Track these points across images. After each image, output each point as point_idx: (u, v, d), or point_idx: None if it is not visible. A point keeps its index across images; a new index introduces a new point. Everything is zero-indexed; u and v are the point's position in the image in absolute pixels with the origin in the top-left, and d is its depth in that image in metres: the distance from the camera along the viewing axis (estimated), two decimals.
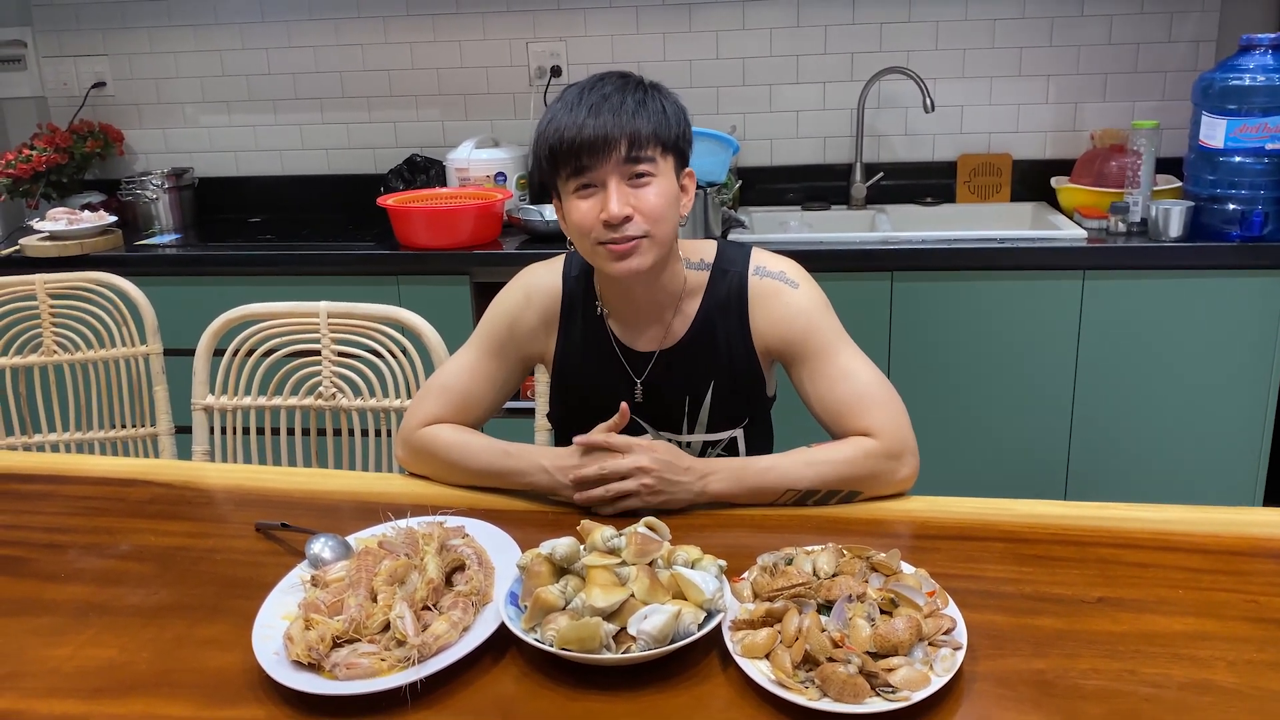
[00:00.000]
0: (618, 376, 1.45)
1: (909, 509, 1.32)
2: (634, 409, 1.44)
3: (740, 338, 1.41)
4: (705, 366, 1.42)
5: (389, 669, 0.99)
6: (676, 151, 1.33)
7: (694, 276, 1.42)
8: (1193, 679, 0.96)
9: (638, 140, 1.27)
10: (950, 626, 1.00)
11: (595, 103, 1.27)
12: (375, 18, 3.09)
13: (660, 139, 1.29)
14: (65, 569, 1.25)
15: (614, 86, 1.29)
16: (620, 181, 1.28)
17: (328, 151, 3.24)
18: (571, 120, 1.26)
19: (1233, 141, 2.38)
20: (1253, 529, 1.23)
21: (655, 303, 1.41)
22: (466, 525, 1.24)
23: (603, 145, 1.26)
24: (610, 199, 1.27)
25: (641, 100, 1.29)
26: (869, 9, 2.91)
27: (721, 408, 1.44)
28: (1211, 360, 2.44)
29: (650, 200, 1.29)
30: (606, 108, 1.26)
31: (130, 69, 3.24)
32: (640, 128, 1.27)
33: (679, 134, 1.32)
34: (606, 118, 1.26)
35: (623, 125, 1.26)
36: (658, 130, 1.28)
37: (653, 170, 1.29)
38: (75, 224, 2.74)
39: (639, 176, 1.29)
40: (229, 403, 1.86)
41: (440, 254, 2.60)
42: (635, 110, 1.27)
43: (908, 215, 2.95)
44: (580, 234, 1.32)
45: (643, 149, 1.27)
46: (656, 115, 1.29)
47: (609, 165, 1.27)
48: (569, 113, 1.27)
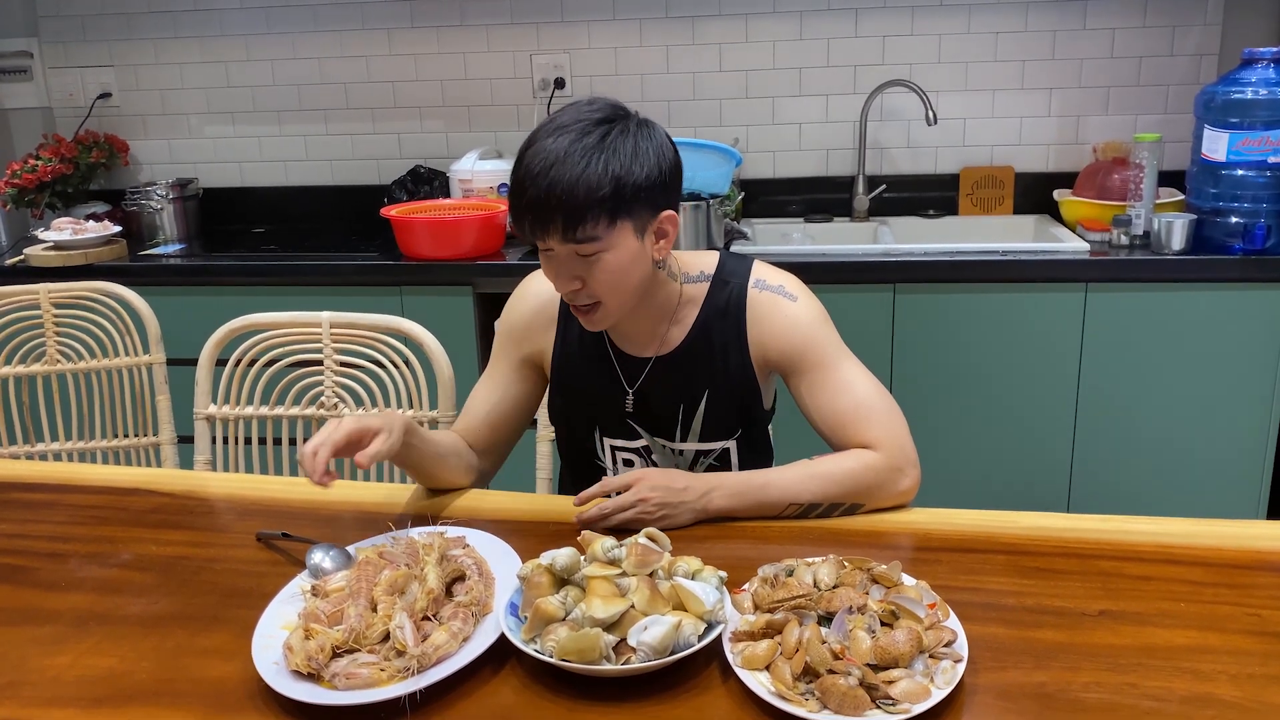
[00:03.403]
0: (611, 382, 1.45)
1: (910, 521, 1.32)
2: (625, 416, 1.45)
3: (737, 349, 1.41)
4: (700, 375, 1.42)
5: (388, 679, 0.99)
6: (634, 212, 1.24)
7: (692, 289, 1.42)
8: (1194, 692, 0.96)
9: (576, 214, 1.19)
10: (951, 639, 1.00)
11: (547, 162, 1.19)
12: (380, 30, 3.11)
13: (608, 208, 1.20)
14: (66, 578, 1.25)
15: (572, 138, 1.20)
16: (569, 253, 1.24)
17: (332, 162, 3.25)
18: (526, 174, 1.21)
19: (1235, 155, 2.39)
20: (1255, 542, 1.23)
21: (648, 318, 1.42)
22: (467, 535, 1.24)
23: (545, 217, 1.21)
24: (555, 274, 1.27)
25: (594, 162, 1.19)
26: (872, 22, 2.93)
27: (715, 417, 1.44)
28: (1214, 373, 2.44)
29: (597, 276, 1.25)
30: (555, 171, 1.19)
31: (136, 80, 3.26)
32: (580, 200, 1.18)
33: (640, 189, 1.23)
34: (555, 179, 1.18)
35: (562, 197, 1.18)
36: (606, 198, 1.19)
37: (599, 245, 1.23)
38: (80, 234, 2.75)
39: (586, 248, 1.23)
40: (231, 412, 1.86)
41: (443, 265, 2.60)
42: (580, 176, 1.18)
43: (910, 228, 2.96)
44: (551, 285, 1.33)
45: (581, 225, 1.20)
46: (607, 182, 1.19)
47: (554, 239, 1.23)
48: (528, 163, 1.22)
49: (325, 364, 1.85)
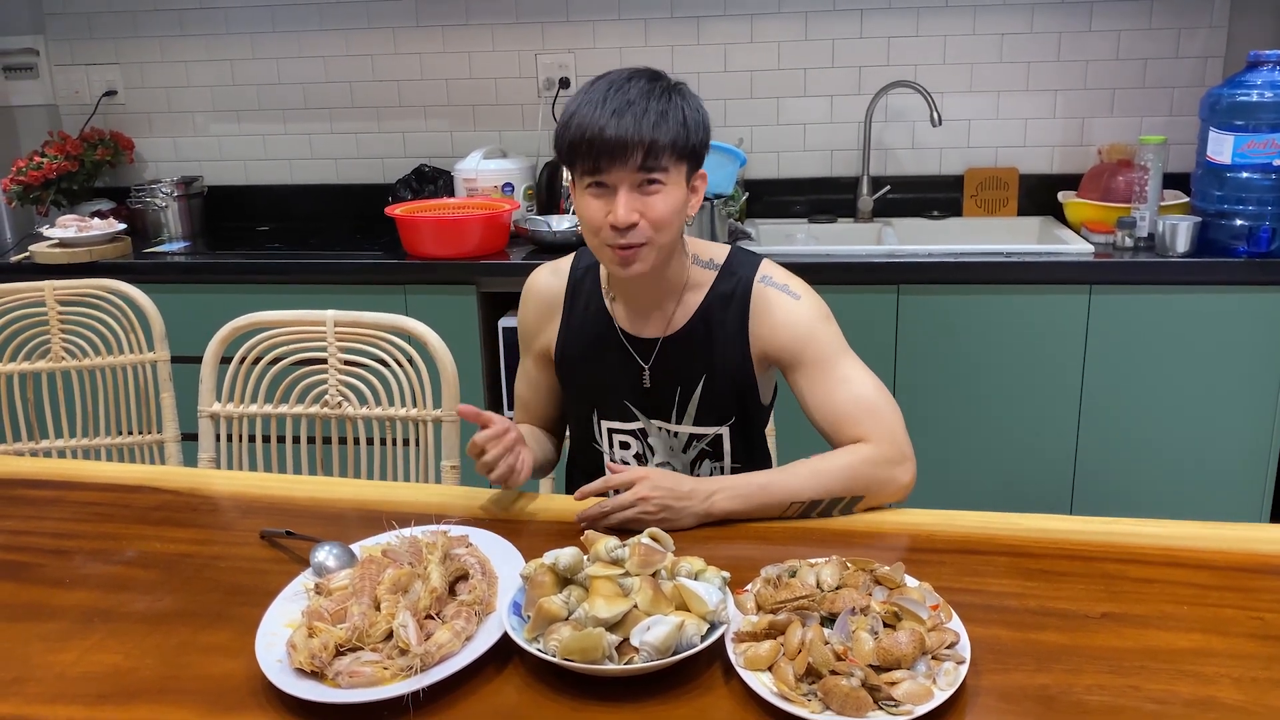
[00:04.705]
0: (622, 363, 1.48)
1: (913, 522, 1.32)
2: (640, 394, 1.49)
3: (737, 338, 1.44)
4: (699, 359, 1.45)
5: (391, 678, 0.99)
6: (691, 158, 1.35)
7: (700, 273, 1.46)
8: (1197, 696, 0.96)
9: (654, 151, 1.28)
10: (954, 640, 1.00)
11: (619, 106, 1.28)
12: (385, 29, 3.11)
13: (677, 149, 1.31)
14: (71, 575, 1.26)
15: (640, 91, 1.30)
16: (630, 189, 1.30)
17: (337, 161, 3.26)
18: (594, 119, 1.28)
19: (1240, 157, 2.38)
20: (1260, 545, 1.23)
21: (659, 291, 1.45)
22: (470, 534, 1.24)
23: (620, 152, 1.27)
24: (619, 206, 1.30)
25: (664, 110, 1.29)
26: (877, 23, 2.92)
27: (710, 402, 1.47)
28: (1218, 376, 2.44)
29: (658, 209, 1.31)
30: (630, 113, 1.28)
31: (141, 78, 3.26)
32: (659, 138, 1.28)
33: (698, 141, 1.34)
34: (628, 123, 1.27)
35: (642, 134, 1.27)
36: (675, 140, 1.30)
37: (664, 179, 1.31)
38: (85, 231, 2.76)
39: (650, 184, 1.31)
40: (235, 410, 1.86)
41: (447, 264, 2.60)
42: (657, 120, 1.28)
43: (914, 228, 2.95)
44: (588, 229, 1.35)
45: (658, 159, 1.29)
46: (677, 126, 1.30)
47: (623, 171, 1.29)
48: (593, 109, 1.29)
49: (330, 362, 1.85)
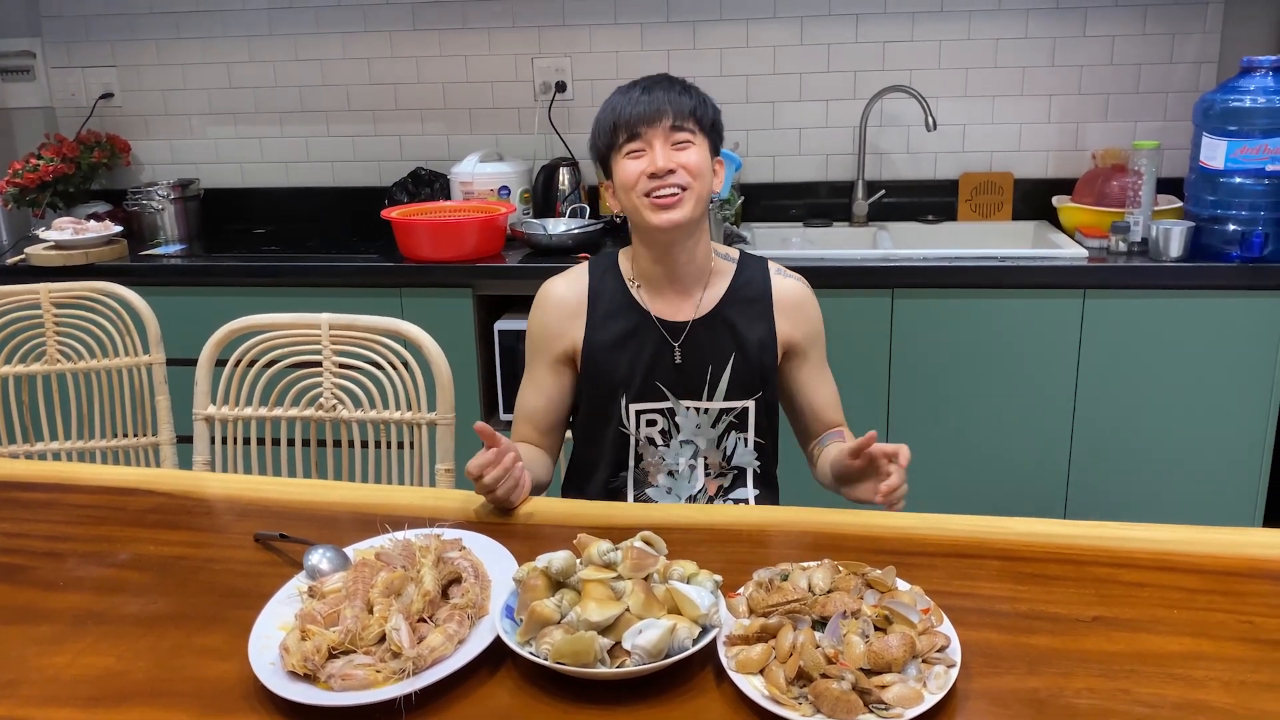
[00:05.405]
0: (653, 344, 1.59)
1: (905, 526, 1.32)
2: (670, 373, 1.59)
3: (763, 318, 1.60)
4: (728, 339, 1.59)
5: (384, 681, 0.99)
6: (712, 134, 1.55)
7: (721, 264, 1.63)
8: (1187, 699, 0.96)
9: (681, 113, 1.51)
10: (945, 644, 1.00)
11: (648, 85, 1.53)
12: (382, 32, 3.12)
13: (699, 118, 1.53)
14: (65, 577, 1.26)
15: (663, 80, 1.55)
16: (665, 144, 1.50)
17: (333, 164, 3.26)
18: (628, 99, 1.52)
19: (1233, 162, 2.39)
20: (1250, 550, 1.23)
21: (691, 268, 1.59)
22: (463, 538, 1.24)
23: (653, 114, 1.50)
24: (656, 154, 1.50)
25: (686, 88, 1.55)
26: (872, 28, 2.93)
27: (739, 379, 1.60)
28: (1211, 380, 2.44)
29: (692, 158, 1.51)
30: (658, 89, 1.52)
31: (138, 80, 3.26)
32: (684, 105, 1.52)
33: (714, 120, 1.56)
34: (658, 95, 1.52)
35: (670, 101, 1.51)
36: (697, 110, 1.53)
37: (692, 139, 1.52)
38: (81, 233, 2.76)
39: (681, 142, 1.51)
40: (230, 413, 1.87)
41: (443, 267, 2.61)
42: (680, 93, 1.53)
43: (909, 233, 2.96)
44: (627, 189, 1.52)
45: (685, 120, 1.51)
46: (698, 99, 1.54)
47: (657, 131, 1.50)
48: (625, 95, 1.53)
49: (324, 365, 1.85)
